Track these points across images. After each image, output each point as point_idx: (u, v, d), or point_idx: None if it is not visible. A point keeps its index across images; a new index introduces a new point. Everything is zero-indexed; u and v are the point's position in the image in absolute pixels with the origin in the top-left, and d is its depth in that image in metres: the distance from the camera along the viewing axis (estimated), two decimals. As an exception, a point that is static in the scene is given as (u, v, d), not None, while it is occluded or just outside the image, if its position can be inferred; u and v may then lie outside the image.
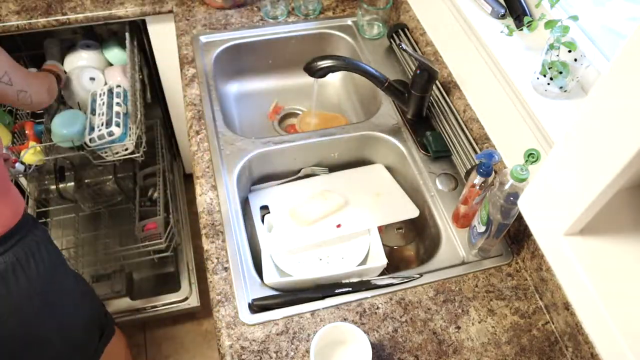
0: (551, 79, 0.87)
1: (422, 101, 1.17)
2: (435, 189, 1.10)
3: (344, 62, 1.12)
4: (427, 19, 1.32)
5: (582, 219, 0.46)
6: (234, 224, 1.02)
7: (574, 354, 0.88)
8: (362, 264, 1.04)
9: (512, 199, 0.85)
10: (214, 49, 1.36)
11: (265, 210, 1.14)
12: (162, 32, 1.52)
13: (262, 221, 1.12)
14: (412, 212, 1.11)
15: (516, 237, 1.00)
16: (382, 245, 1.04)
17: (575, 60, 0.85)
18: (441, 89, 1.21)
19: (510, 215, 0.88)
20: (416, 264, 1.16)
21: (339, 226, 1.09)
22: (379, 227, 1.09)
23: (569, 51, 0.84)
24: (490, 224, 0.90)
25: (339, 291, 0.94)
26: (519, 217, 0.92)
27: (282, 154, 1.18)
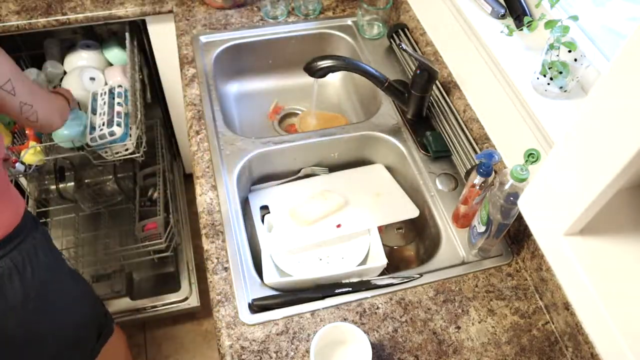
0: (551, 79, 0.87)
1: (422, 101, 1.17)
2: (435, 189, 1.10)
3: (344, 62, 1.12)
4: (427, 19, 1.32)
5: (582, 219, 0.46)
6: (234, 224, 1.02)
7: (574, 354, 0.88)
8: (362, 264, 1.04)
9: (512, 199, 0.85)
10: (214, 49, 1.36)
11: (265, 210, 1.14)
12: (162, 32, 1.52)
13: (262, 221, 1.12)
14: (412, 212, 1.11)
15: (516, 237, 1.00)
16: (382, 245, 1.04)
17: (575, 60, 0.85)
18: (441, 89, 1.21)
19: (510, 215, 0.88)
20: (416, 264, 1.16)
21: (339, 226, 1.09)
22: (379, 227, 1.09)
23: (569, 51, 0.84)
24: (490, 224, 0.90)
25: (339, 291, 0.94)
26: (519, 217, 0.92)
27: (282, 154, 1.18)
